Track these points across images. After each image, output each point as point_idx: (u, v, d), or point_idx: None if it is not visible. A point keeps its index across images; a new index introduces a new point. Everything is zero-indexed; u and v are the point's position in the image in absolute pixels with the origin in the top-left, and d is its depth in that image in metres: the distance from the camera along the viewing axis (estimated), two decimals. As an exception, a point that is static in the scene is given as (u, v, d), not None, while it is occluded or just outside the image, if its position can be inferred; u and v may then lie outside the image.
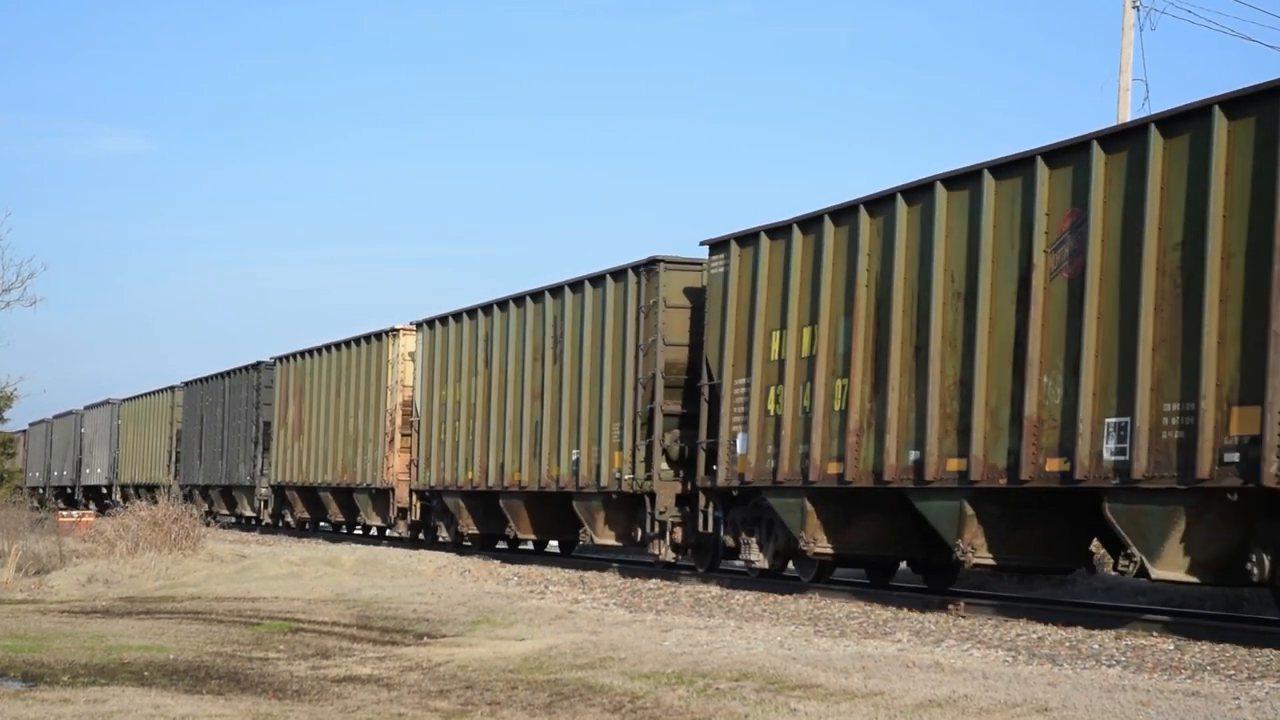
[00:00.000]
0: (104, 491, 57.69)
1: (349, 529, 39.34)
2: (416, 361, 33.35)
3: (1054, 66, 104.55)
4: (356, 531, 39.68)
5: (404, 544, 34.07)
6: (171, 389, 51.17)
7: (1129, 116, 28.24)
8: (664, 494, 23.71)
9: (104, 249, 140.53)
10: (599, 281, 25.68)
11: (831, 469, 19.72)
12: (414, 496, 33.28)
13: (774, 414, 20.93)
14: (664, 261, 24.08)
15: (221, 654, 14.46)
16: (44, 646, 14.99)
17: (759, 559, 21.95)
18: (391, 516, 34.15)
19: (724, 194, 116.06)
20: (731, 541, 22.53)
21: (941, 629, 16.11)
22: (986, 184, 17.47)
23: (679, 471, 23.70)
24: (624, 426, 24.58)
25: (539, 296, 27.81)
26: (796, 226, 20.80)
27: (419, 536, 33.88)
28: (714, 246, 22.67)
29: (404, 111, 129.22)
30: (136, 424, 55.08)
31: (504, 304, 29.16)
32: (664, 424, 23.86)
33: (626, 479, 24.41)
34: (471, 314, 30.56)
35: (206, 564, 25.68)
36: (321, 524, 40.64)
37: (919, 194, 18.59)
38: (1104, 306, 15.83)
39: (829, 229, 20.12)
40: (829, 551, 20.47)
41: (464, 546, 31.65)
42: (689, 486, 23.33)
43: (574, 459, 26.05)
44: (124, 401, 57.33)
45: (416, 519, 33.42)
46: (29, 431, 72.85)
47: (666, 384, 23.91)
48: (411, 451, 33.19)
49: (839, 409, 19.65)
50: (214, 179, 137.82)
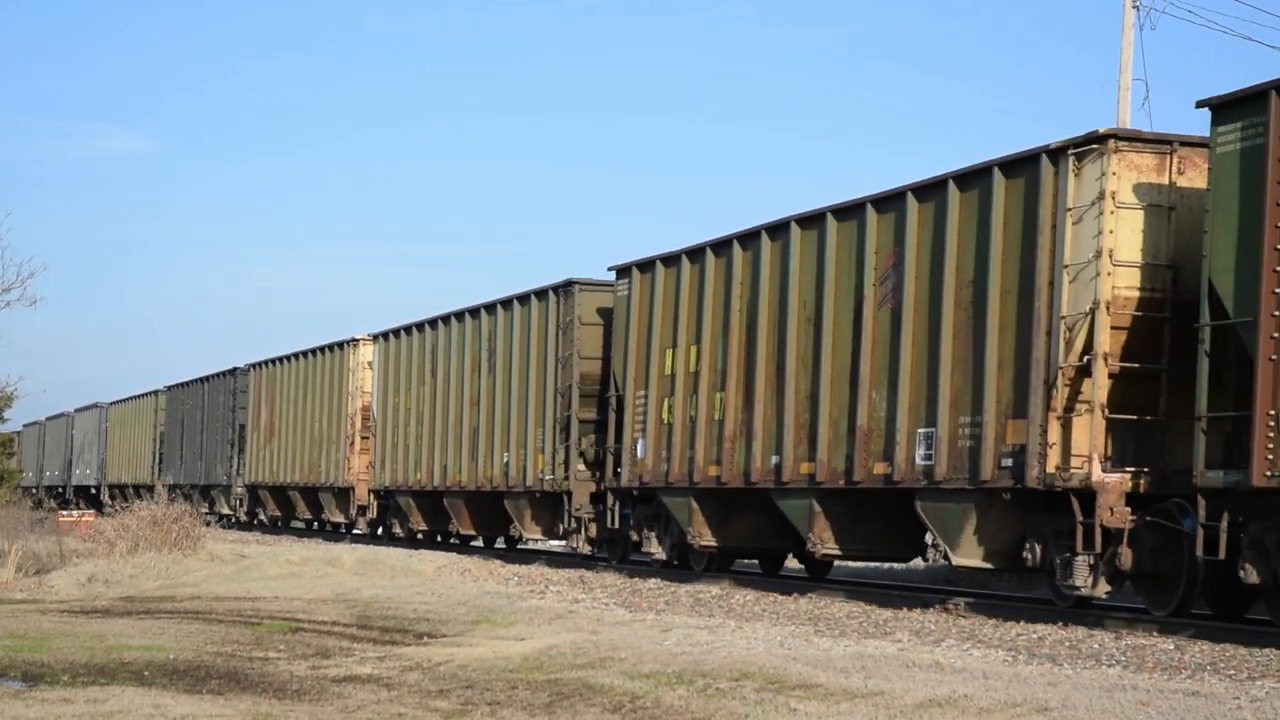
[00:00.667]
0: (93, 491, 60.37)
1: (317, 526, 42.01)
2: (374, 370, 36.09)
3: (1054, 66, 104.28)
4: (327, 529, 42.34)
5: (364, 540, 36.72)
6: (155, 393, 53.81)
7: (1129, 116, 28.77)
8: (579, 493, 26.44)
9: (104, 249, 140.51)
10: (525, 300, 28.44)
11: (712, 471, 22.43)
12: (372, 495, 36.07)
13: (667, 422, 23.64)
14: (579, 284, 26.85)
15: (221, 654, 14.45)
16: (44, 646, 14.97)
17: (658, 551, 24.68)
18: (352, 514, 36.90)
19: (724, 194, 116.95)
20: (636, 536, 25.27)
21: (941, 629, 16.19)
22: (830, 225, 20.17)
23: (594, 473, 26.40)
24: (546, 432, 27.32)
25: (476, 313, 30.55)
26: (685, 256, 23.50)
27: (377, 532, 36.61)
28: (619, 272, 25.38)
29: (404, 111, 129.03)
30: (123, 426, 57.74)
31: (447, 319, 31.88)
32: (579, 430, 26.59)
33: (548, 479, 27.16)
34: (420, 328, 33.27)
35: (206, 564, 25.73)
36: (292, 522, 43.31)
37: (779, 231, 21.28)
38: (917, 333, 18.53)
39: (710, 260, 22.82)
40: (714, 544, 23.19)
41: (417, 541, 34.37)
42: (601, 486, 26.05)
43: (505, 461, 28.80)
44: (112, 405, 59.97)
45: (374, 516, 36.21)
46: (23, 433, 75.36)
47: (581, 394, 26.64)
48: (370, 453, 35.94)
49: (718, 419, 22.35)
50: (214, 179, 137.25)
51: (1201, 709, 10.26)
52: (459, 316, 31.38)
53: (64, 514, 40.35)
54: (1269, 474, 14.01)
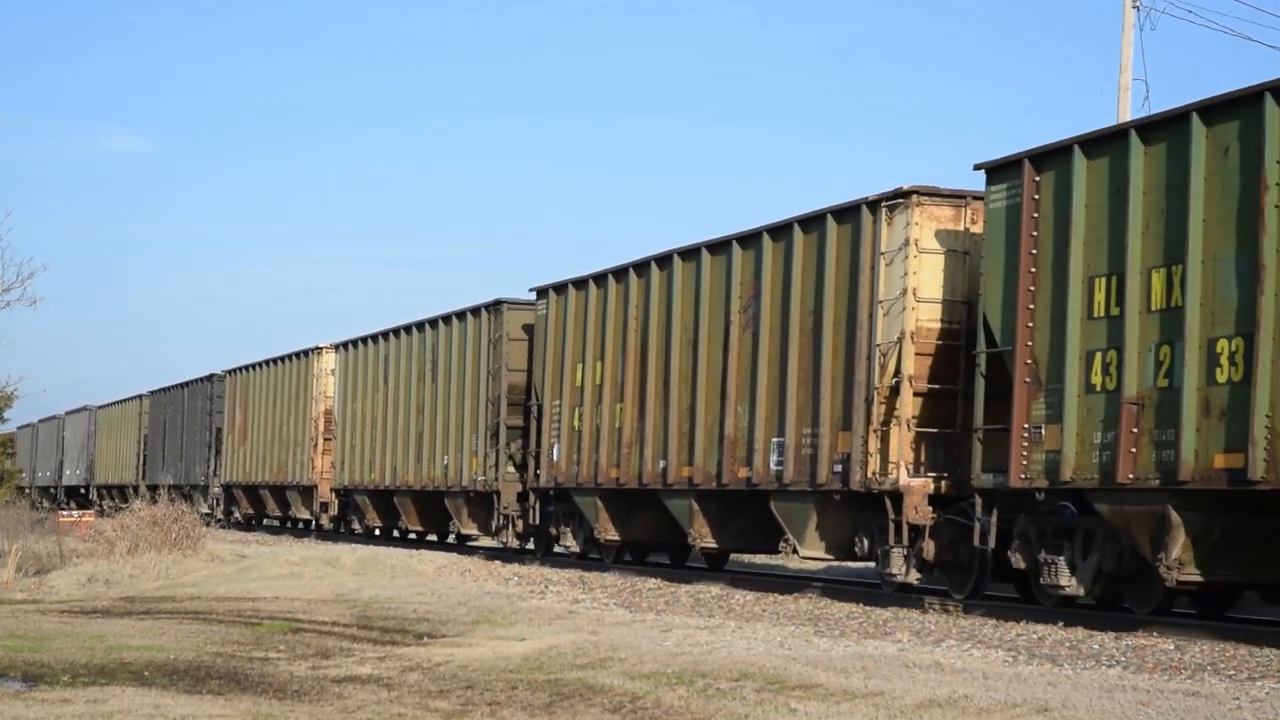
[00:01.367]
0: (82, 491, 63.19)
1: (288, 524, 44.77)
2: (335, 377, 38.91)
3: (1054, 66, 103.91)
4: (295, 526, 45.06)
5: (328, 535, 39.51)
6: (140, 397, 56.58)
7: (1129, 116, 28.17)
8: (507, 492, 29.25)
9: (104, 249, 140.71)
10: (462, 316, 31.28)
11: (613, 474, 25.22)
12: (333, 494, 38.90)
13: (577, 430, 26.44)
14: (507, 303, 29.68)
15: (221, 654, 14.47)
16: (44, 646, 14.96)
17: (573, 545, 27.49)
18: (316, 511, 39.71)
19: (725, 193, 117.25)
20: (555, 531, 28.08)
21: (942, 629, 16.29)
22: (705, 258, 22.94)
23: (520, 474, 29.19)
24: (479, 437, 30.15)
25: (422, 327, 33.37)
26: (592, 281, 26.27)
27: (339, 529, 39.43)
28: (539, 293, 28.18)
29: (404, 111, 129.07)
30: (110, 429, 60.54)
31: (399, 331, 34.69)
32: (508, 435, 29.39)
33: (480, 480, 29.99)
34: (375, 339, 36.07)
35: (206, 564, 25.83)
36: (265, 520, 46.10)
37: (666, 262, 24.07)
38: (771, 355, 21.30)
39: (612, 285, 25.61)
40: (618, 539, 25.99)
41: (374, 536, 37.19)
42: (526, 487, 28.84)
43: (445, 463, 31.62)
44: (100, 408, 62.77)
45: (335, 513, 39.04)
46: (17, 435, 78.10)
47: (509, 403, 29.43)
48: (332, 454, 38.76)
49: (617, 427, 25.15)
50: (214, 179, 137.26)
51: (1201, 709, 10.32)
52: (408, 330, 34.18)
53: (64, 514, 41.04)
54: (1024, 476, 16.80)
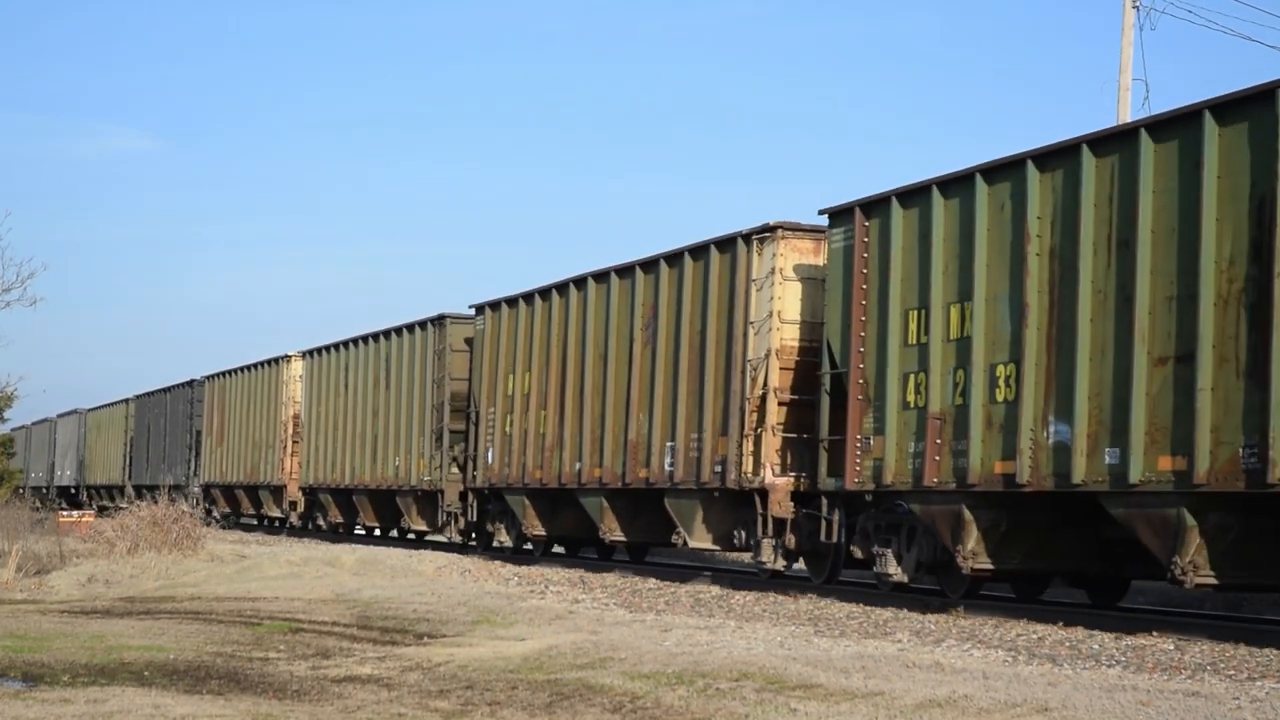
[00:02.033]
0: (73, 491, 66.02)
1: (263, 521, 47.52)
2: (302, 383, 41.71)
3: (1054, 66, 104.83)
4: (268, 523, 47.78)
5: (296, 532, 42.29)
6: (126, 401, 59.35)
7: (1129, 117, 28.58)
8: (450, 491, 32.03)
9: (104, 249, 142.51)
10: (412, 329, 34.06)
11: (538, 475, 28.00)
12: (301, 492, 41.73)
13: (509, 434, 29.22)
14: (450, 317, 32.46)
15: (221, 654, 14.48)
16: (44, 646, 14.94)
17: (506, 539, 30.28)
18: (285, 509, 42.52)
19: (726, 193, 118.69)
20: (490, 527, 30.87)
21: (942, 629, 16.35)
22: (613, 281, 25.68)
23: (462, 475, 31.97)
24: (426, 440, 32.93)
25: (378, 337, 36.13)
26: (522, 300, 28.99)
27: (306, 526, 42.24)
28: (477, 309, 30.94)
29: (405, 111, 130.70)
30: (99, 431, 63.33)
31: (359, 341, 37.45)
32: (450, 438, 32.17)
33: (426, 480, 32.77)
34: (338, 347, 38.83)
35: (206, 564, 25.92)
36: (242, 518, 48.87)
37: (582, 283, 26.77)
38: (666, 369, 24.06)
39: (539, 304, 28.33)
40: (543, 534, 28.77)
41: (339, 533, 40.00)
42: (465, 486, 31.62)
43: (396, 464, 34.41)
44: (90, 411, 65.58)
45: (303, 511, 41.86)
46: (15, 436, 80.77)
47: (452, 409, 32.21)
48: (299, 455, 41.56)
49: (542, 432, 27.92)
50: (215, 178, 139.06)
51: (1201, 709, 10.35)
52: (365, 340, 36.95)
53: (64, 514, 41.56)
54: (856, 480, 19.57)
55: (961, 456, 17.79)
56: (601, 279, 26.25)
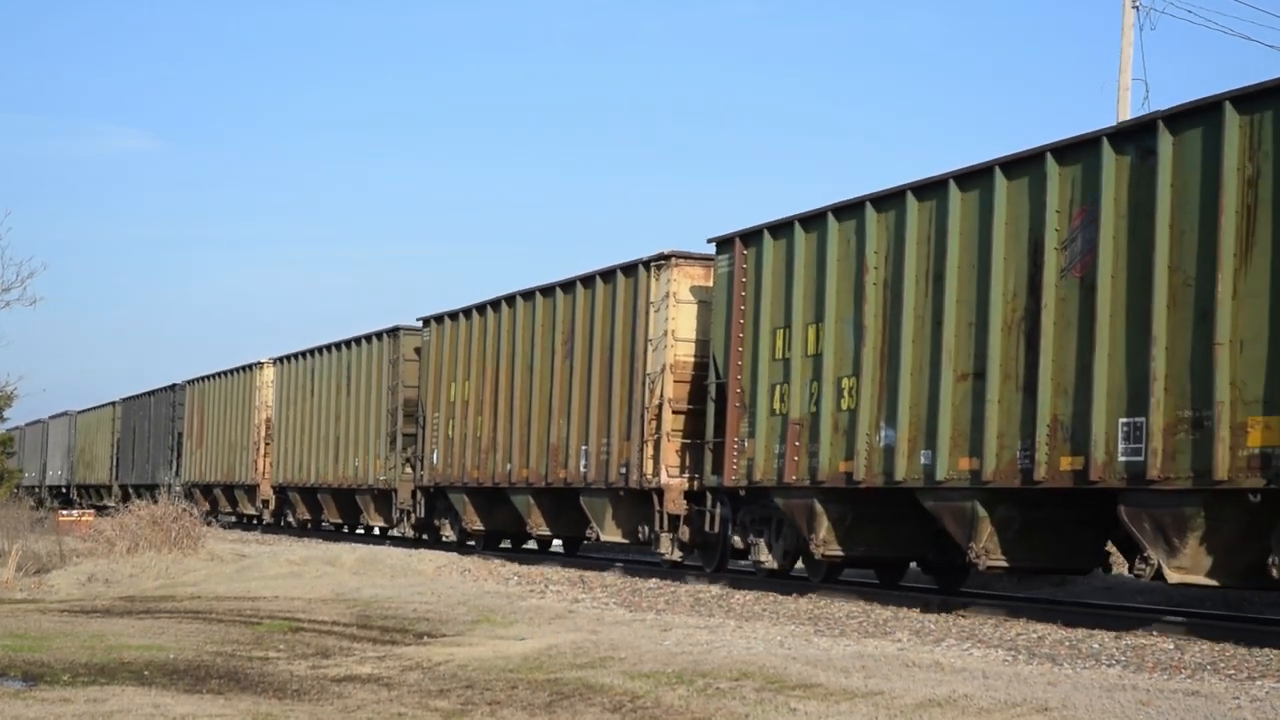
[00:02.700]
0: (63, 490, 68.68)
1: (241, 519, 50.16)
2: (273, 388, 44.42)
3: (1054, 66, 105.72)
4: (244, 521, 50.40)
5: (270, 529, 44.98)
6: (113, 404, 62.05)
7: (1129, 116, 28.61)
8: (403, 490, 34.73)
9: (104, 249, 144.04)
10: (369, 339, 36.80)
11: (475, 475, 30.70)
12: (273, 491, 44.44)
13: (451, 438, 31.92)
14: (403, 329, 35.17)
15: (221, 653, 14.50)
16: (44, 646, 14.95)
17: (450, 534, 32.98)
18: (259, 507, 45.22)
19: (726, 193, 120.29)
20: (437, 523, 33.58)
21: (941, 629, 16.40)
22: (538, 299, 28.33)
23: (413, 474, 34.67)
24: (381, 442, 35.62)
25: (340, 346, 38.86)
26: (462, 314, 31.66)
27: (278, 523, 44.96)
28: (425, 321, 33.65)
29: (406, 111, 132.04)
30: (88, 433, 66.02)
31: (322, 350, 40.18)
32: (403, 441, 34.86)
33: (381, 479, 35.48)
34: (304, 355, 41.55)
35: (206, 563, 26.02)
36: (219, 515, 51.51)
37: (514, 300, 29.43)
38: (581, 379, 26.71)
39: (476, 318, 31.02)
40: (482, 529, 31.48)
41: (307, 530, 42.71)
42: (415, 485, 34.34)
43: (355, 464, 37.12)
44: (79, 413, 68.27)
45: (274, 509, 44.57)
46: (15, 435, 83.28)
47: (405, 414, 34.91)
48: (271, 456, 44.28)
49: (479, 436, 30.62)
50: (216, 178, 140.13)
51: (1201, 709, 10.39)
52: (329, 349, 39.67)
53: (64, 513, 42.47)
54: (733, 478, 22.28)
55: (814, 457, 20.48)
56: (529, 297, 28.96)
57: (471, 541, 32.63)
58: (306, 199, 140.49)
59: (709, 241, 23.37)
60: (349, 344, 38.36)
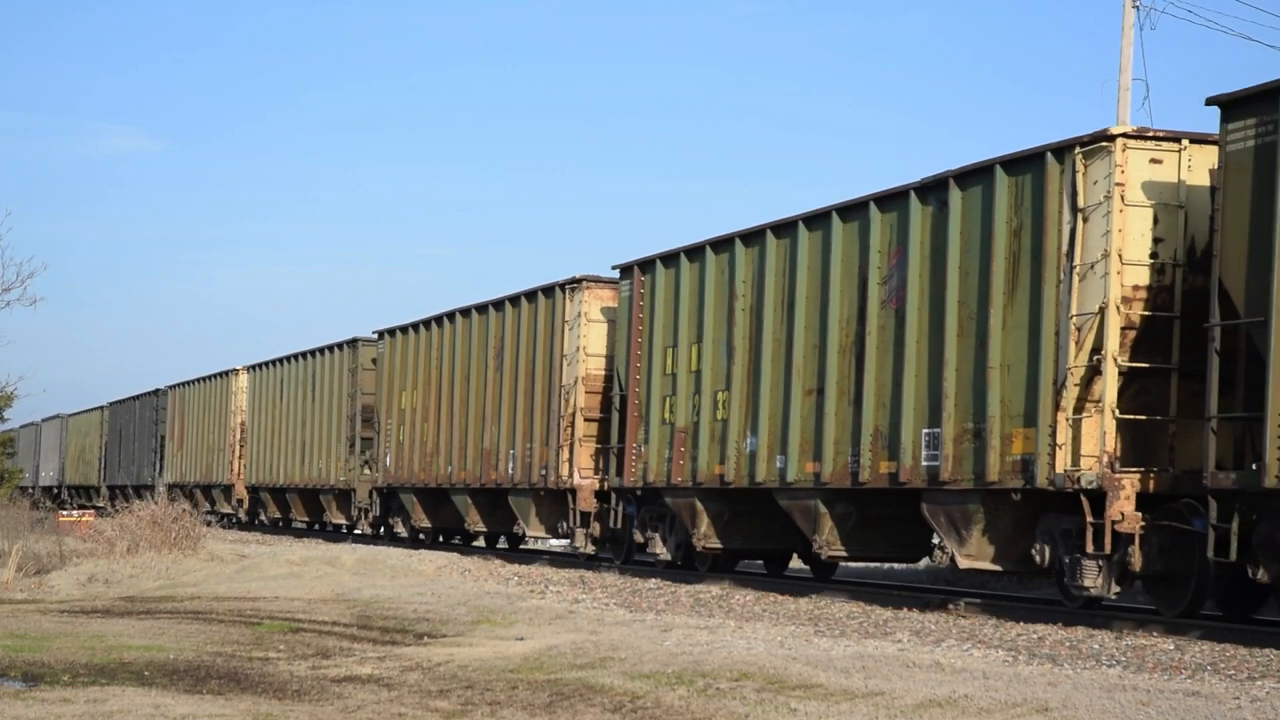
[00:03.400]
0: (55, 491, 71.52)
1: (220, 518, 52.92)
2: (247, 394, 47.28)
3: (1054, 66, 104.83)
4: (222, 519, 53.12)
5: (244, 526, 47.78)
6: (101, 407, 64.90)
7: (1129, 116, 29.06)
8: (361, 490, 37.57)
9: (104, 249, 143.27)
10: (332, 349, 39.68)
11: (422, 476, 33.53)
12: (247, 491, 47.31)
13: (401, 442, 34.76)
14: (361, 341, 38.02)
15: (222, 654, 14.51)
16: (44, 646, 14.95)
17: (402, 531, 35.82)
18: (234, 506, 48.08)
19: (729, 192, 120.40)
20: (391, 520, 36.44)
21: (942, 629, 16.44)
22: (474, 316, 31.16)
23: (371, 475, 37.52)
24: (342, 445, 38.47)
25: (306, 356, 41.74)
26: (412, 329, 34.53)
27: (252, 521, 47.82)
28: (379, 334, 36.50)
29: (408, 111, 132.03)
30: (78, 435, 68.86)
31: (291, 358, 43.06)
32: (361, 444, 37.70)
33: (342, 480, 38.33)
34: (275, 363, 44.42)
35: (206, 564, 26.12)
36: (198, 515, 54.27)
37: (453, 317, 32.26)
38: (510, 390, 29.47)
39: (423, 331, 33.84)
40: (429, 526, 34.32)
41: (279, 528, 45.56)
42: (371, 486, 37.17)
43: (319, 465, 39.97)
44: (70, 416, 71.09)
45: (248, 508, 47.43)
46: (12, 437, 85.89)
47: (363, 419, 37.74)
48: (244, 459, 47.12)
49: (424, 440, 33.45)
50: (217, 178, 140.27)
51: (1201, 709, 10.41)
52: (297, 357, 42.55)
53: (64, 514, 43.13)
54: (632, 479, 25.08)
55: (695, 461, 23.30)
56: (467, 314, 31.80)
57: (422, 536, 35.45)
58: (307, 199, 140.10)
59: (613, 268, 26.20)
60: (314, 353, 41.20)
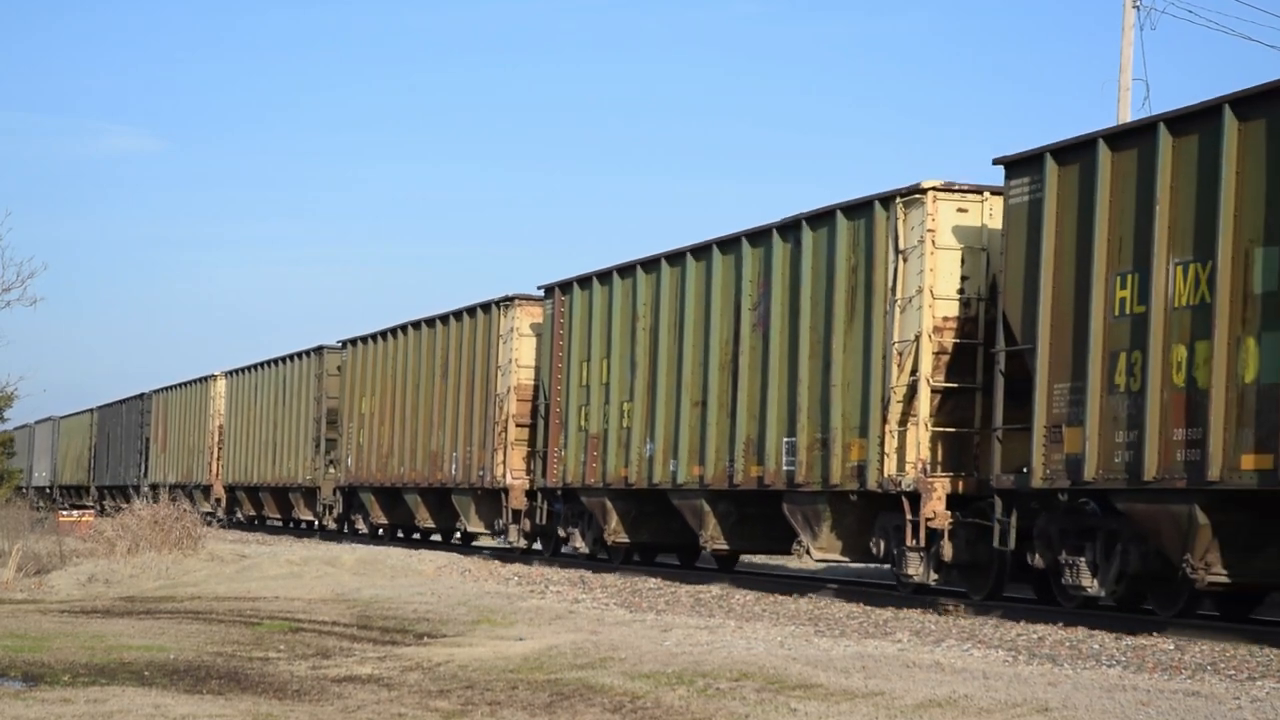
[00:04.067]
0: (47, 490, 74.20)
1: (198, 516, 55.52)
2: (224, 398, 49.93)
3: (1054, 66, 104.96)
4: (202, 518, 55.73)
5: (222, 524, 50.40)
6: (90, 411, 67.58)
7: (1129, 116, 29.05)
8: (325, 488, 40.23)
9: (104, 249, 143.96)
10: (300, 356, 42.38)
11: (378, 476, 36.17)
12: (224, 490, 49.99)
13: (361, 444, 37.39)
14: (326, 348, 40.67)
15: (222, 654, 14.51)
16: (44, 646, 14.95)
17: (362, 527, 38.49)
18: (213, 505, 50.74)
19: (729, 191, 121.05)
20: (352, 517, 39.10)
21: (942, 629, 16.43)
22: (424, 330, 33.78)
23: (336, 475, 40.16)
24: (308, 446, 41.13)
25: (276, 362, 44.40)
26: (370, 339, 37.17)
27: (230, 518, 50.52)
28: (344, 344, 39.13)
29: (408, 111, 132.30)
30: (69, 437, 71.57)
31: (263, 365, 45.69)
32: (326, 445, 40.35)
33: (308, 479, 40.99)
34: (249, 370, 47.06)
35: (206, 564, 26.20)
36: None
37: (407, 329, 34.87)
38: (452, 399, 32.14)
39: (380, 342, 36.49)
40: (385, 522, 36.98)
41: (254, 525, 48.23)
42: (335, 484, 39.81)
43: (289, 465, 42.63)
44: (62, 418, 73.78)
45: (225, 506, 50.12)
46: (12, 437, 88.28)
47: (328, 422, 40.39)
48: (222, 460, 49.78)
49: (381, 442, 36.08)
50: (217, 178, 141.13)
51: (1201, 709, 10.42)
52: (268, 364, 45.20)
53: (64, 514, 43.56)
54: (555, 480, 27.69)
55: (605, 464, 25.93)
56: (417, 326, 34.45)
57: (381, 533, 38.08)
58: (307, 199, 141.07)
59: (539, 288, 28.83)
60: (284, 360, 43.85)
